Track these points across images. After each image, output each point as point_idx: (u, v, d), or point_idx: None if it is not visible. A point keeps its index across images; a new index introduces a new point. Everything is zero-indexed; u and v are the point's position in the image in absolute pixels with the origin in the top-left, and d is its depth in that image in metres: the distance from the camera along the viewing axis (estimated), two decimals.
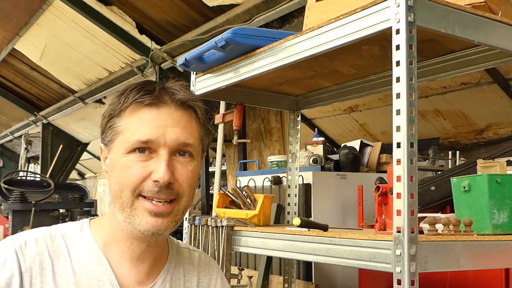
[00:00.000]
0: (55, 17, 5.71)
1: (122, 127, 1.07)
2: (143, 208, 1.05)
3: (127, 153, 1.06)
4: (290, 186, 2.49)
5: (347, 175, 3.23)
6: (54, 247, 1.09)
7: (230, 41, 1.88)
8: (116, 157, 1.08)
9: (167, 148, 1.05)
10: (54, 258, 1.07)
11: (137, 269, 1.12)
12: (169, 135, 1.06)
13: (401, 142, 1.33)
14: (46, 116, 8.85)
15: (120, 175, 1.06)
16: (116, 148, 1.08)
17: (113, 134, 1.08)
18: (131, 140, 1.05)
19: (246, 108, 5.12)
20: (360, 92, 2.23)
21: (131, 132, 1.06)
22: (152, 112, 1.07)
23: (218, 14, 4.32)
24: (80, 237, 1.12)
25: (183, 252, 1.24)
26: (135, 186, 1.04)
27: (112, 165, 1.09)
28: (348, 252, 1.50)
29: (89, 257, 1.10)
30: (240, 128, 2.40)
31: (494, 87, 3.84)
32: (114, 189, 1.08)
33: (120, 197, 1.06)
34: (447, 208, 2.34)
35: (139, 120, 1.06)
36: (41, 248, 1.07)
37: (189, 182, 1.09)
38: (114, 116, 1.09)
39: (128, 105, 1.07)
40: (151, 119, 1.06)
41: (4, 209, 3.89)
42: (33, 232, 1.11)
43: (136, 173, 1.04)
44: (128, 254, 1.12)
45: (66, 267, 1.07)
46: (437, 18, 1.40)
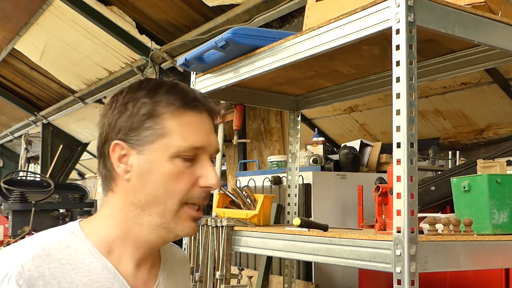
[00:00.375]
0: (55, 17, 5.71)
1: (167, 129, 1.03)
2: (188, 215, 1.05)
3: (173, 158, 1.03)
4: (290, 186, 2.50)
5: (347, 175, 3.23)
6: (53, 262, 1.00)
7: (230, 41, 1.88)
8: (158, 160, 1.03)
9: (208, 154, 1.07)
10: (58, 275, 0.99)
11: (141, 270, 1.10)
12: (212, 142, 1.08)
13: (401, 142, 1.33)
14: (46, 116, 8.85)
15: (166, 181, 1.03)
16: (157, 151, 1.03)
17: (154, 136, 1.03)
18: (183, 144, 1.03)
19: (246, 108, 5.13)
20: (360, 92, 2.23)
21: (180, 137, 1.03)
22: (197, 118, 1.06)
23: (218, 14, 4.33)
24: (76, 244, 1.04)
25: (168, 248, 1.23)
26: (184, 193, 1.03)
27: (149, 168, 1.03)
28: (348, 252, 1.50)
29: (93, 265, 1.03)
30: (240, 128, 2.40)
31: (494, 87, 3.84)
32: (153, 194, 1.03)
33: (163, 203, 1.03)
34: (447, 208, 2.34)
35: (188, 125, 1.05)
36: (40, 268, 0.98)
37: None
38: (155, 116, 1.03)
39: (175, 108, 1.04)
40: (199, 126, 1.06)
41: (4, 209, 3.89)
42: (23, 251, 1.00)
43: (186, 179, 1.03)
44: (135, 257, 1.08)
45: (73, 281, 1.00)
46: (437, 18, 1.40)
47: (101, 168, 1.09)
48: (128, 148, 1.05)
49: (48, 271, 0.98)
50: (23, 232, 3.63)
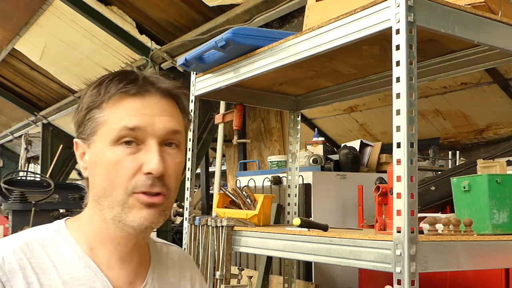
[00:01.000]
0: (55, 17, 5.71)
1: (104, 117, 1.00)
2: (138, 201, 0.98)
3: (113, 145, 0.98)
4: (290, 186, 2.50)
5: (347, 175, 3.23)
6: (35, 257, 0.99)
7: (230, 41, 1.88)
8: (100, 151, 1.00)
9: (156, 138, 0.99)
10: (38, 270, 0.98)
11: (126, 269, 1.06)
12: (157, 124, 1.00)
13: (401, 142, 1.33)
14: (46, 116, 8.85)
15: (108, 171, 0.98)
16: (98, 141, 1.00)
17: (94, 126, 1.01)
18: (117, 127, 0.98)
19: (246, 108, 5.12)
20: (360, 92, 2.23)
21: (115, 120, 0.99)
22: (137, 102, 1.00)
23: (218, 14, 4.33)
24: (60, 242, 1.03)
25: (162, 248, 1.19)
26: (127, 182, 0.97)
27: (95, 160, 1.01)
28: (348, 252, 1.50)
29: (75, 263, 1.01)
30: (240, 128, 2.40)
31: (494, 87, 3.84)
32: (101, 186, 1.00)
33: (110, 195, 0.99)
34: (447, 208, 2.34)
35: (124, 109, 0.99)
36: (21, 261, 0.97)
37: (177, 175, 1.03)
38: (94, 107, 1.01)
39: (111, 95, 1.00)
40: (137, 107, 1.00)
41: (4, 209, 3.89)
42: (6, 244, 1.00)
43: (127, 167, 0.97)
44: (116, 255, 1.05)
45: (53, 278, 0.98)
46: (437, 18, 1.40)
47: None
48: (83, 144, 1.05)
49: (29, 265, 0.98)
50: None
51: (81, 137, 1.04)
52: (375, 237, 1.43)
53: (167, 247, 1.22)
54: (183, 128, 1.06)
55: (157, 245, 1.20)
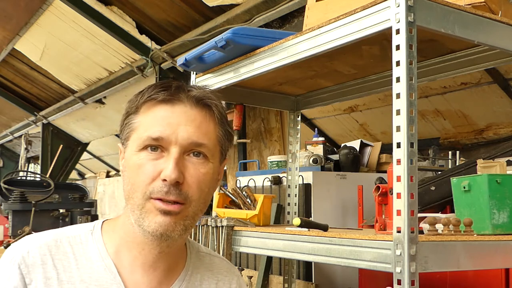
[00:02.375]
0: (55, 17, 5.71)
1: (137, 124, 1.03)
2: (154, 207, 0.99)
3: (139, 150, 1.01)
4: (290, 186, 2.50)
5: (347, 175, 3.23)
6: (59, 254, 1.03)
7: (230, 41, 1.88)
8: (129, 155, 1.03)
9: (178, 147, 1.00)
10: (59, 266, 1.02)
11: (149, 277, 1.06)
12: (181, 133, 1.00)
13: (401, 142, 1.33)
14: (46, 116, 8.85)
15: (131, 175, 1.02)
16: (130, 146, 1.04)
17: (128, 132, 1.04)
18: (143, 136, 1.01)
19: (246, 108, 5.12)
20: (360, 92, 2.23)
21: (144, 128, 1.02)
22: (167, 109, 1.02)
23: (218, 14, 4.33)
24: (89, 242, 1.06)
25: (203, 258, 1.18)
26: (145, 187, 0.99)
27: (126, 164, 1.04)
28: (348, 252, 1.50)
29: (97, 264, 1.04)
30: (240, 128, 2.40)
31: (494, 87, 3.84)
32: (126, 190, 1.03)
33: (132, 198, 1.01)
34: (447, 208, 2.34)
35: (153, 116, 1.02)
36: (44, 256, 1.02)
37: (200, 185, 1.02)
38: (131, 113, 1.05)
39: (144, 102, 1.03)
40: (165, 116, 1.01)
41: (4, 209, 3.89)
42: (37, 238, 1.05)
43: (146, 172, 0.99)
44: (140, 261, 1.05)
45: (72, 276, 1.02)
46: (437, 18, 1.40)
47: None
48: (122, 148, 1.08)
49: (51, 261, 1.02)
50: (23, 232, 3.63)
51: (121, 141, 1.08)
52: (375, 237, 1.43)
53: (210, 258, 1.20)
54: (213, 140, 1.05)
55: (200, 254, 1.19)
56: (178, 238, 1.03)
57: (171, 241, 1.03)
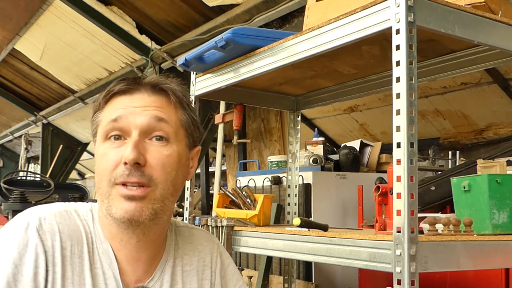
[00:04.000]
0: (55, 17, 5.71)
1: (100, 118, 1.06)
2: (118, 194, 1.00)
3: (103, 141, 1.04)
4: (290, 186, 2.49)
5: (347, 175, 3.23)
6: (72, 225, 1.03)
7: (230, 41, 1.88)
8: (96, 148, 1.06)
9: (138, 129, 1.01)
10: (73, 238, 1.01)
11: (133, 266, 1.06)
12: (139, 116, 1.02)
13: (401, 142, 1.33)
14: (46, 116, 8.85)
15: (97, 165, 1.03)
16: (97, 140, 1.07)
17: (95, 127, 1.08)
18: (104, 124, 1.04)
19: (246, 108, 5.12)
20: (360, 92, 2.23)
21: (106, 119, 1.04)
22: (125, 98, 1.05)
23: (218, 14, 4.32)
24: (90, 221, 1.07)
25: (182, 232, 1.18)
26: (110, 174, 1.00)
27: (95, 158, 1.06)
28: (348, 252, 1.50)
29: (98, 245, 1.04)
30: (240, 128, 2.40)
31: (494, 87, 3.84)
32: (97, 179, 1.04)
33: (100, 188, 1.03)
34: (447, 208, 2.34)
35: (112, 106, 1.05)
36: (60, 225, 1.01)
37: (164, 167, 1.02)
38: (96, 111, 1.08)
39: (104, 97, 1.07)
40: (123, 103, 1.05)
41: (4, 209, 3.88)
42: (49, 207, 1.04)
43: (110, 159, 1.01)
44: (122, 252, 1.05)
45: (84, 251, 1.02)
46: (437, 18, 1.40)
47: None
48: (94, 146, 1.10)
49: (67, 231, 1.01)
50: None
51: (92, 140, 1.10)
52: (375, 237, 1.43)
53: (189, 230, 1.20)
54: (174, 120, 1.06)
55: (179, 229, 1.19)
56: (150, 224, 1.03)
57: (143, 227, 1.03)
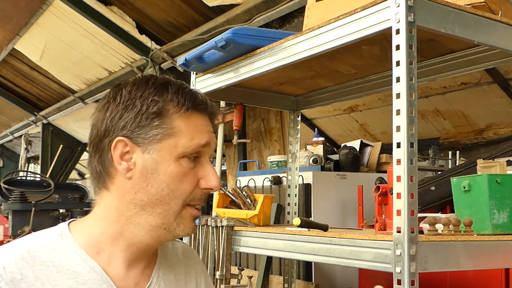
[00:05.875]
0: (55, 17, 5.71)
1: (176, 130, 1.02)
2: (191, 215, 1.05)
3: (179, 158, 1.02)
4: (290, 186, 2.49)
5: (347, 175, 3.23)
6: (37, 264, 0.98)
7: (230, 41, 1.88)
8: (164, 160, 1.01)
9: (209, 156, 1.09)
10: (42, 277, 0.97)
11: (133, 271, 1.06)
12: (213, 142, 1.09)
13: (401, 142, 1.33)
14: (46, 116, 8.85)
15: (172, 181, 1.02)
16: (164, 151, 1.02)
17: (161, 135, 1.02)
18: (191, 144, 1.03)
19: (246, 108, 5.13)
20: (360, 92, 2.23)
21: (188, 137, 1.03)
22: (202, 119, 1.08)
23: (218, 14, 4.33)
24: (63, 246, 1.02)
25: (167, 244, 1.19)
26: (188, 195, 1.03)
27: (155, 167, 1.01)
28: (348, 252, 1.50)
29: (80, 267, 1.00)
30: (240, 128, 2.40)
31: (494, 87, 3.84)
32: (159, 194, 1.01)
33: (167, 204, 1.01)
34: (447, 208, 2.34)
35: (194, 126, 1.06)
36: (23, 269, 0.96)
37: None
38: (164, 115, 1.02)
39: (186, 109, 1.04)
40: (203, 126, 1.07)
41: (4, 209, 3.89)
42: (7, 253, 0.99)
43: (190, 181, 1.04)
44: (125, 257, 1.05)
45: (58, 283, 0.97)
46: (437, 18, 1.40)
47: (95, 163, 1.05)
48: (133, 145, 1.02)
49: (32, 273, 0.97)
50: (23, 232, 3.63)
51: (135, 138, 1.02)
52: (375, 237, 1.43)
53: (172, 243, 1.21)
54: None
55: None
56: None
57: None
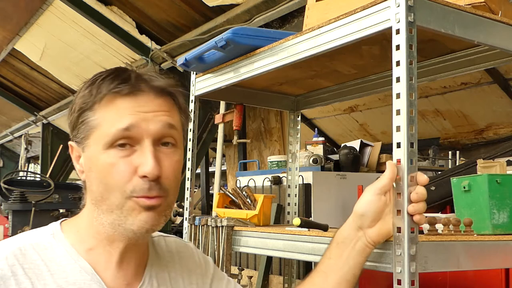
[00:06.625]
0: (55, 17, 5.71)
1: (97, 120, 0.97)
2: (137, 205, 0.96)
3: (107, 148, 0.96)
4: (290, 186, 2.49)
5: (347, 175, 3.23)
6: (28, 262, 0.97)
7: (230, 41, 1.88)
8: (94, 155, 0.97)
9: (150, 137, 0.96)
10: (32, 275, 0.96)
11: (124, 271, 1.04)
12: (151, 120, 0.97)
13: (401, 142, 1.33)
14: (46, 116, 8.85)
15: (104, 175, 0.96)
16: (92, 145, 0.98)
17: (87, 130, 0.98)
18: (110, 132, 0.95)
19: (246, 108, 5.13)
20: (360, 92, 2.23)
21: (108, 124, 0.96)
22: (130, 101, 0.97)
23: (218, 14, 4.33)
24: (54, 246, 1.01)
25: (159, 241, 1.17)
26: (123, 186, 0.95)
27: (90, 165, 0.99)
28: None
29: (70, 267, 0.99)
30: (240, 128, 2.39)
31: (494, 87, 3.84)
32: (98, 191, 0.97)
33: (107, 199, 0.96)
34: (447, 208, 2.34)
35: (116, 110, 0.96)
36: (13, 267, 0.95)
37: (176, 174, 1.00)
38: (86, 109, 0.98)
39: (103, 96, 0.97)
40: (130, 106, 0.96)
41: (4, 209, 3.89)
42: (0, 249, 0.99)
43: (122, 171, 0.95)
44: (114, 257, 1.03)
45: (47, 283, 0.96)
46: (437, 18, 1.40)
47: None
48: (77, 148, 1.03)
49: (22, 271, 0.96)
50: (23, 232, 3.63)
51: (75, 140, 1.02)
52: None
53: (164, 239, 1.18)
54: (179, 125, 1.04)
55: (154, 239, 1.16)
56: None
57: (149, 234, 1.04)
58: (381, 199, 1.23)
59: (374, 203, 1.23)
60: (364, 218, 1.23)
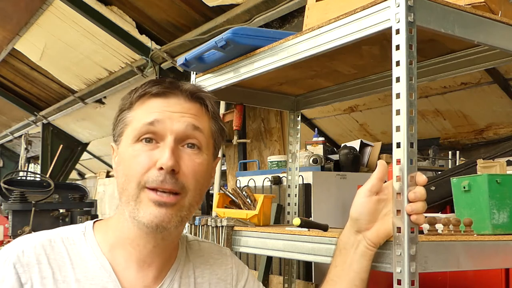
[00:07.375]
0: (55, 17, 5.71)
1: (131, 118, 1.04)
2: (148, 198, 0.99)
3: (134, 142, 1.02)
4: (290, 186, 2.49)
5: (347, 175, 3.23)
6: (54, 253, 1.03)
7: (230, 41, 1.88)
8: (123, 149, 1.04)
9: (173, 135, 1.01)
10: (54, 266, 1.02)
11: (144, 272, 1.06)
12: (176, 122, 1.02)
13: (401, 142, 1.33)
14: (46, 116, 8.85)
15: (126, 166, 1.02)
16: (124, 140, 1.05)
17: (122, 127, 1.05)
18: (138, 126, 1.02)
19: (246, 108, 5.13)
20: (360, 92, 2.23)
21: (138, 120, 1.02)
22: (161, 101, 1.04)
23: (218, 14, 4.33)
24: (82, 242, 1.07)
25: (193, 246, 1.19)
26: (140, 176, 0.99)
27: (120, 159, 1.05)
28: None
29: (92, 263, 1.04)
30: (240, 128, 2.40)
31: (494, 87, 3.84)
32: (120, 182, 1.03)
33: (126, 190, 1.01)
34: (447, 208, 2.34)
35: (147, 108, 1.04)
36: (40, 256, 1.02)
37: (196, 175, 1.03)
38: (125, 109, 1.06)
39: (138, 97, 1.05)
40: (159, 105, 1.03)
41: (4, 209, 3.89)
42: (31, 239, 1.05)
43: (142, 162, 1.00)
44: (135, 257, 1.06)
45: (68, 275, 1.02)
46: (437, 18, 1.40)
47: None
48: (115, 146, 1.08)
49: (47, 260, 1.02)
50: (23, 232, 3.63)
51: (114, 139, 1.08)
52: None
53: (199, 244, 1.20)
54: (207, 130, 1.07)
55: (189, 243, 1.19)
56: (173, 230, 1.04)
57: (166, 233, 1.04)
58: (372, 200, 1.22)
59: (366, 205, 1.22)
60: (359, 222, 1.22)
